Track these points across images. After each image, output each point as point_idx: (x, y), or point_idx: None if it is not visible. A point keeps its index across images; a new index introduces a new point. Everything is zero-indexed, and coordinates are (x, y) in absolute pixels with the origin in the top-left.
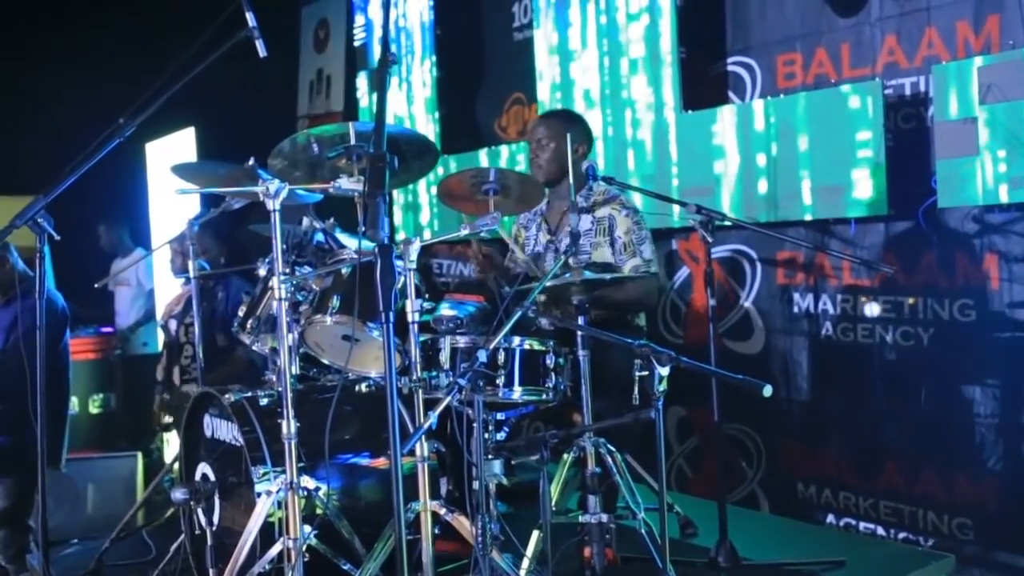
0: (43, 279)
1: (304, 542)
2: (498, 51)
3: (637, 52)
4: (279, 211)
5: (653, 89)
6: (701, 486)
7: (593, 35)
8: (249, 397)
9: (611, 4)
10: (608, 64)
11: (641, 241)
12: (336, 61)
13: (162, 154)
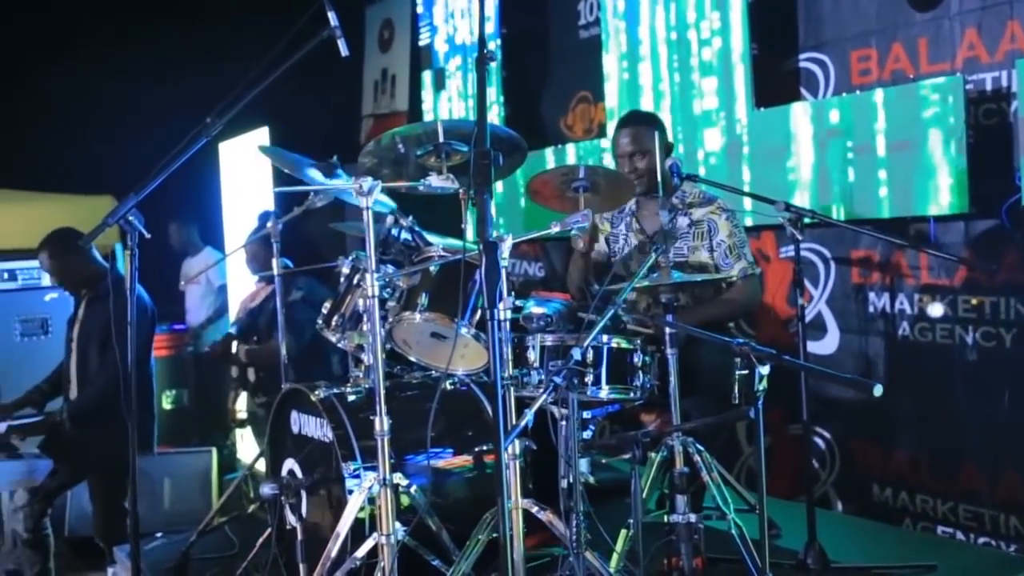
0: (134, 276)
1: (397, 538)
2: (563, 49)
3: (707, 49)
4: (371, 209)
5: (724, 86)
6: (772, 486)
7: (662, 32)
8: (338, 394)
9: (680, 1)
10: (678, 62)
11: (743, 243)
12: (401, 61)
13: (235, 154)
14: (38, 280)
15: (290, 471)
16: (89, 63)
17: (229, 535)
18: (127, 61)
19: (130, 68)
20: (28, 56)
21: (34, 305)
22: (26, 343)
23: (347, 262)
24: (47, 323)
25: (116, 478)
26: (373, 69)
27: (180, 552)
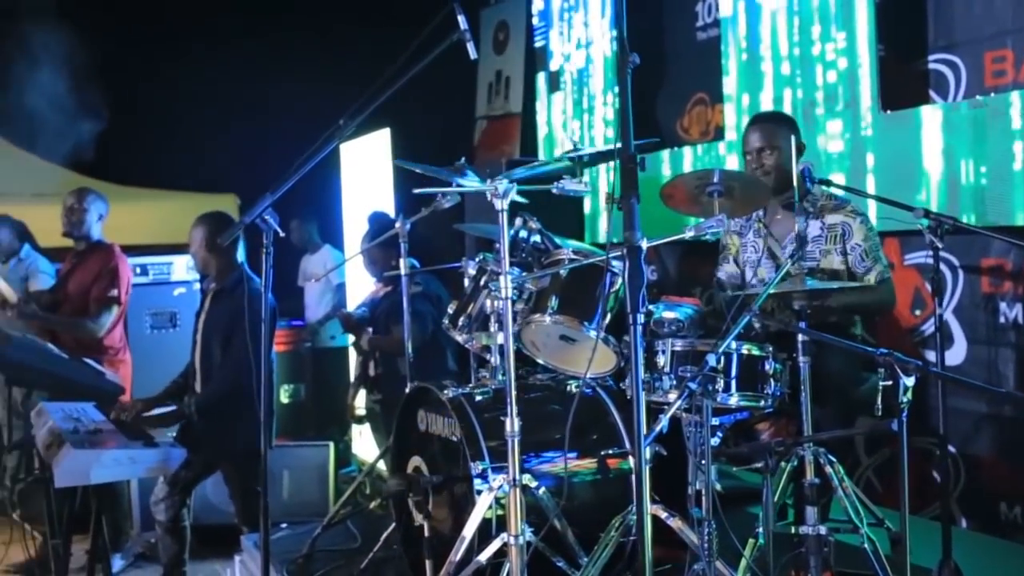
0: (269, 274)
1: (526, 539)
2: (680, 51)
3: (832, 50)
4: (506, 211)
5: (849, 89)
6: (892, 499)
7: (784, 32)
8: (466, 394)
9: (804, 0)
10: (801, 63)
11: (878, 247)
12: (515, 62)
13: (355, 155)
14: (167, 275)
15: (415, 468)
16: (214, 66)
17: (351, 529)
18: (251, 64)
19: (253, 71)
20: (155, 59)
21: (163, 299)
22: (156, 335)
23: (472, 263)
24: (175, 316)
25: (246, 468)
26: (487, 71)
27: (308, 543)
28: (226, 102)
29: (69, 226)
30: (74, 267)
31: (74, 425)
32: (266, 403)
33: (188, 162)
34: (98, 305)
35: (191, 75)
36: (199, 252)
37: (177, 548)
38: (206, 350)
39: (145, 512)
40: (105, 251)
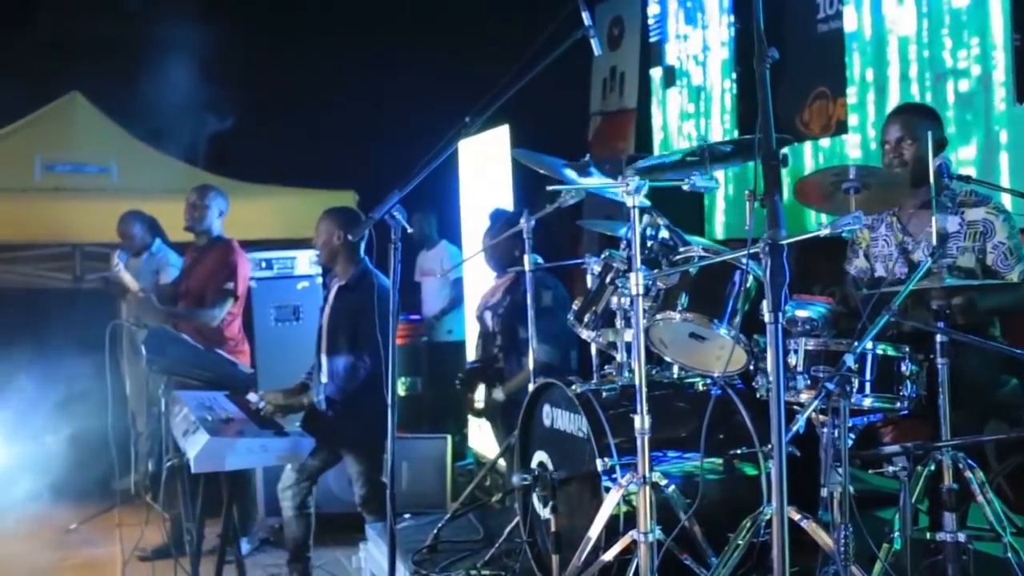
0: (397, 270)
1: (656, 537)
2: (801, 43)
3: (962, 40)
4: (638, 208)
5: (982, 80)
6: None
7: (912, 22)
8: (593, 390)
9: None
10: (928, 53)
11: (1021, 245)
12: (630, 58)
13: (473, 151)
14: (291, 270)
15: (540, 463)
16: (335, 63)
17: (473, 522)
18: (370, 61)
19: (373, 68)
20: (276, 56)
21: (287, 293)
22: (280, 328)
23: (597, 260)
24: (298, 310)
25: (371, 459)
26: (602, 67)
27: (432, 534)
28: (346, 99)
29: (191, 221)
30: (195, 261)
31: (207, 413)
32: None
33: (308, 158)
34: (214, 297)
35: (312, 72)
36: (326, 247)
37: (303, 534)
38: (332, 344)
39: (270, 498)
40: (225, 246)
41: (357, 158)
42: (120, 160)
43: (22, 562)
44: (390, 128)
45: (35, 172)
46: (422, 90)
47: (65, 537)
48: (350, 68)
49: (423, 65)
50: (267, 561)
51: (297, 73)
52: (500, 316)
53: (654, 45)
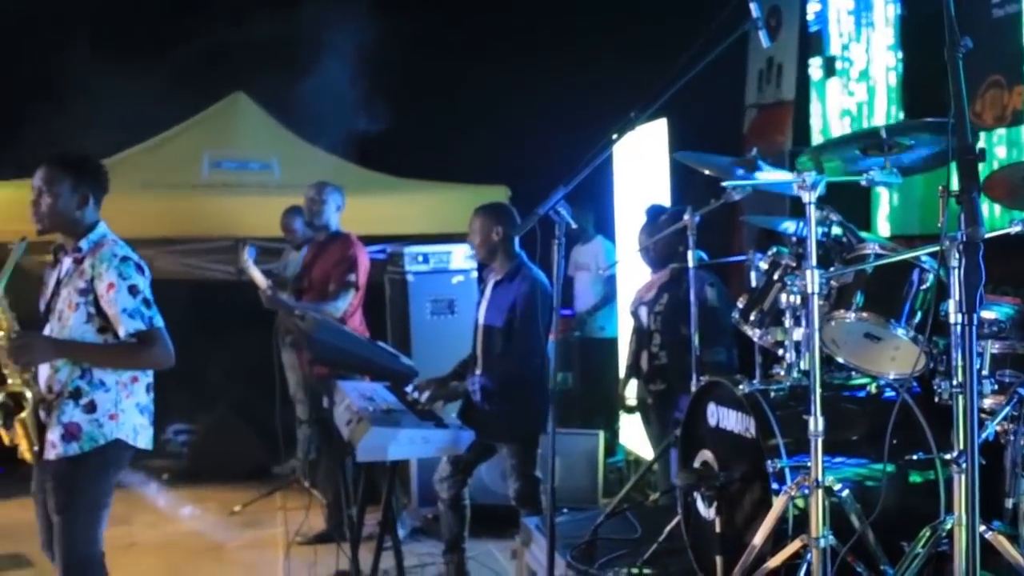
0: (561, 265)
1: (829, 543)
2: (974, 29)
3: None
4: (813, 204)
5: None
6: None
7: None
8: (761, 390)
9: None
10: None
11: None
12: (788, 49)
13: (629, 146)
14: (446, 264)
15: (703, 463)
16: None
17: (631, 519)
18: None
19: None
20: (429, 54)
21: (443, 287)
22: (435, 321)
23: (762, 256)
24: (453, 304)
25: (526, 453)
26: (758, 58)
27: (590, 530)
28: (500, 95)
29: (310, 216)
30: (316, 256)
31: (369, 404)
32: (542, 390)
33: (462, 154)
34: (337, 288)
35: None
36: (485, 243)
37: (458, 526)
38: (488, 338)
39: (423, 488)
40: (343, 239)
41: (510, 154)
42: (281, 157)
43: (196, 541)
44: (542, 124)
45: (203, 169)
46: (574, 86)
47: (230, 519)
48: (504, 64)
49: (576, 61)
50: (421, 550)
51: (451, 70)
52: (660, 314)
53: (814, 35)
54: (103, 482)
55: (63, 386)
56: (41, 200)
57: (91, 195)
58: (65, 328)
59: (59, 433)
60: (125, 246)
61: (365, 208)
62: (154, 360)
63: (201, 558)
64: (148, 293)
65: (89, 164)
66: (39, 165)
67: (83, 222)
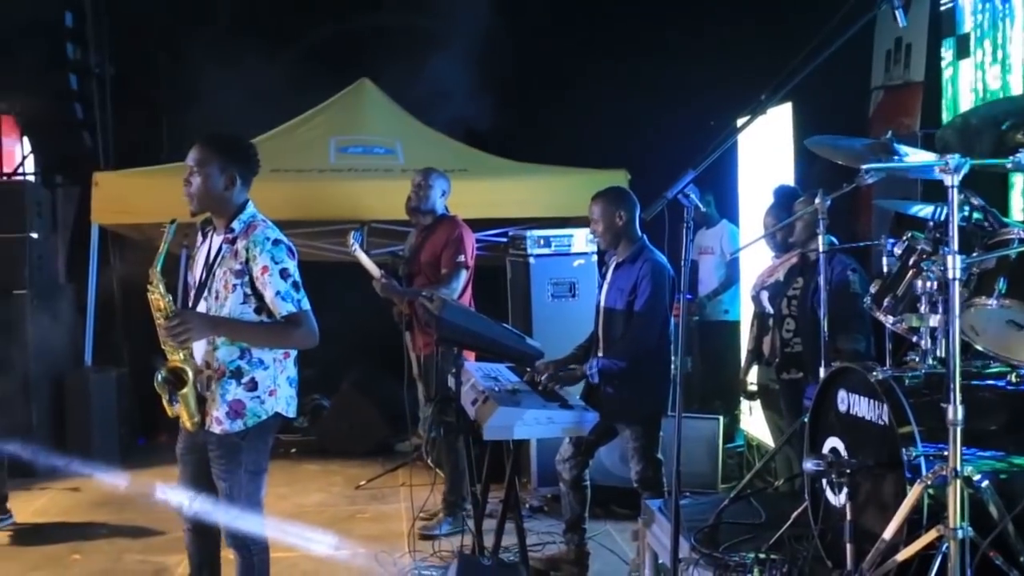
0: (688, 249)
1: (967, 535)
2: None
3: None
4: (956, 187)
5: None
6: None
7: None
8: (896, 377)
9: None
10: None
11: None
12: (918, 28)
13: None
14: (568, 247)
15: (832, 449)
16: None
17: (755, 505)
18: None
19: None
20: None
21: (564, 270)
22: (556, 303)
23: (896, 241)
24: (575, 286)
25: (648, 435)
26: (885, 39)
27: (714, 513)
28: (619, 79)
29: (417, 200)
30: (423, 240)
31: (494, 384)
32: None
33: (581, 139)
34: (449, 271)
35: (585, 54)
36: (609, 229)
37: (579, 506)
38: (609, 320)
39: (542, 469)
40: (449, 222)
41: (629, 138)
42: (405, 142)
43: (323, 512)
44: (661, 108)
45: (330, 155)
46: (695, 70)
47: (355, 492)
48: (625, 48)
49: (698, 45)
50: (540, 529)
51: (573, 55)
52: (794, 299)
53: (945, 13)
54: (263, 450)
55: (223, 364)
56: (192, 179)
57: (239, 176)
58: (223, 307)
59: (224, 411)
60: (275, 228)
61: (487, 192)
62: (301, 341)
63: (329, 528)
64: (297, 276)
65: (239, 145)
66: (190, 147)
67: (232, 202)
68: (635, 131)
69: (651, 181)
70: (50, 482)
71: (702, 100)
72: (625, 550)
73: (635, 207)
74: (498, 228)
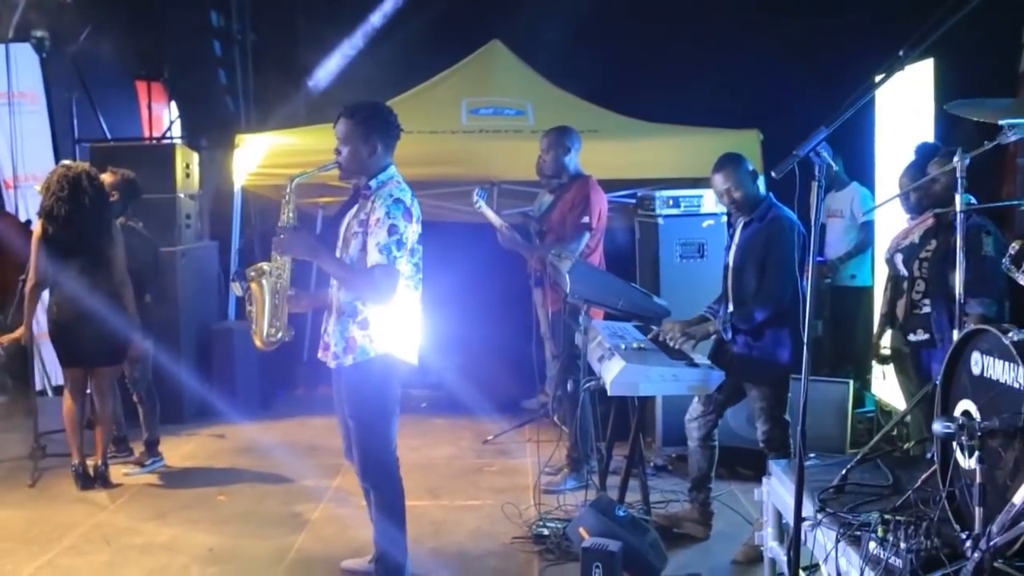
0: (820, 208)
1: None
2: None
3: None
4: None
5: None
6: None
7: None
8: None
9: None
10: None
11: None
12: None
13: (891, 88)
14: (697, 208)
15: (964, 412)
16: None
17: (881, 467)
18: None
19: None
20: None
21: (693, 231)
22: (684, 264)
23: None
24: (703, 247)
25: (776, 395)
26: None
27: (839, 475)
28: (752, 38)
29: (543, 164)
30: (556, 198)
31: (620, 341)
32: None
33: (714, 100)
34: (573, 231)
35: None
36: (731, 189)
37: (706, 465)
38: (738, 279)
39: (667, 428)
40: (582, 182)
41: (762, 97)
42: (535, 103)
43: (451, 464)
44: (794, 66)
45: (462, 116)
46: (829, 27)
47: (483, 447)
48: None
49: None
50: (664, 487)
51: (702, 12)
52: (926, 260)
53: None
54: (384, 390)
55: (343, 303)
56: (340, 151)
57: (380, 143)
58: (347, 254)
59: (341, 346)
60: (406, 191)
61: (616, 152)
62: (374, 292)
63: (457, 480)
64: (406, 237)
65: (379, 114)
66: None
67: (375, 166)
68: (767, 89)
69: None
70: (197, 429)
71: (837, 56)
72: (749, 510)
73: (750, 168)
74: (627, 189)
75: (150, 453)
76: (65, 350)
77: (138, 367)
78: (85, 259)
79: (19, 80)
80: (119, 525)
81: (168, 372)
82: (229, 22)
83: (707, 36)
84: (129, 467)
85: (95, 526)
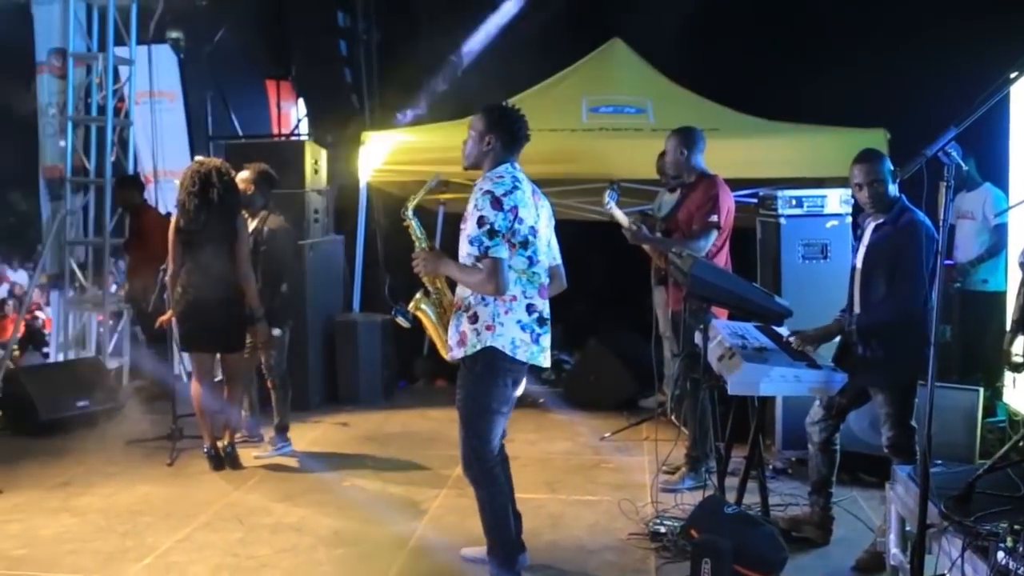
0: (948, 209)
1: None
2: None
3: None
4: None
5: None
6: None
7: None
8: None
9: None
10: None
11: None
12: None
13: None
14: (820, 208)
15: None
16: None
17: (1013, 478)
18: None
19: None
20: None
21: (816, 231)
22: (807, 265)
23: None
24: (827, 248)
25: (902, 401)
26: None
27: (967, 482)
28: (877, 37)
29: (667, 165)
30: (684, 197)
31: (741, 341)
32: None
33: (839, 99)
34: (700, 229)
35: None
36: (873, 182)
37: (827, 469)
38: (867, 281)
39: (787, 431)
40: (709, 181)
41: (887, 96)
42: (656, 101)
43: (569, 460)
44: (921, 65)
45: (582, 114)
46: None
47: (600, 444)
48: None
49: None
50: (784, 490)
51: (828, 10)
52: None
53: None
54: (488, 385)
55: (459, 299)
56: (467, 141)
57: (498, 141)
58: (462, 250)
59: (456, 339)
60: (500, 183)
61: (737, 151)
62: (480, 284)
63: (574, 475)
64: (500, 224)
65: (504, 115)
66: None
67: (492, 162)
68: (894, 88)
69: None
70: (323, 416)
71: (968, 52)
72: (871, 516)
73: (890, 167)
74: (749, 188)
75: (280, 438)
76: (187, 335)
77: (274, 354)
78: (211, 249)
79: (159, 80)
80: (250, 505)
81: (296, 361)
82: (355, 22)
83: (831, 32)
84: (259, 450)
85: (228, 505)
